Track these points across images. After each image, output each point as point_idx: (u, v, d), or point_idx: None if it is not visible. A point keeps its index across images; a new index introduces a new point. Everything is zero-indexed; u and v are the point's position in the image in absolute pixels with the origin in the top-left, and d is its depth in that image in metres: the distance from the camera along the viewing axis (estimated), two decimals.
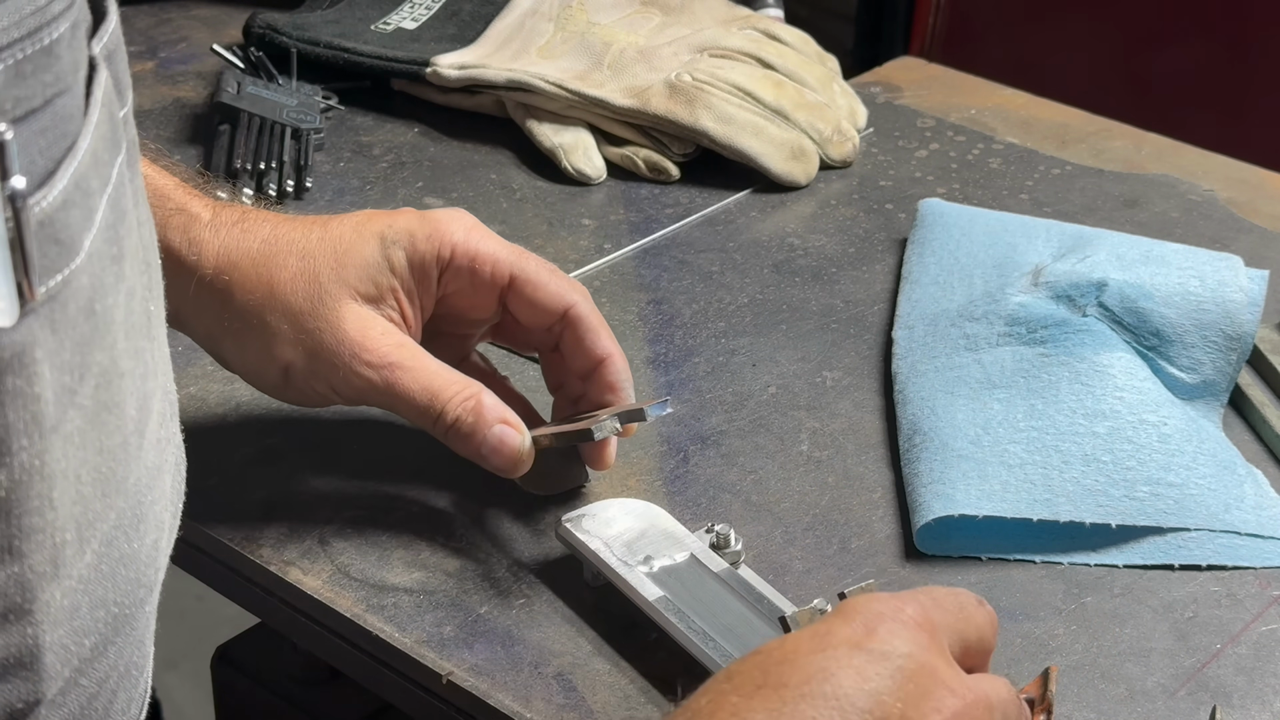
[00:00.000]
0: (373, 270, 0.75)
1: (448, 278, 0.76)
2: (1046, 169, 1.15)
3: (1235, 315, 0.88)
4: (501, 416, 0.74)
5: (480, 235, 0.77)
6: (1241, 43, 1.92)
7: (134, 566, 0.53)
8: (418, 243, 0.75)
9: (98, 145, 0.47)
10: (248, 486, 0.82)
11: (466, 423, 0.73)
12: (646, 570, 0.73)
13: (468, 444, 0.74)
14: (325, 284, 0.74)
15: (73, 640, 0.50)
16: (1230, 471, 0.82)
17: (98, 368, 0.48)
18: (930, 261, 0.99)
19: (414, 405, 0.74)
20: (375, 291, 0.75)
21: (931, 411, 0.85)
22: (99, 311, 0.47)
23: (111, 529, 0.50)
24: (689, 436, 0.86)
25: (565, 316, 0.77)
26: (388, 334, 0.74)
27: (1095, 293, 0.89)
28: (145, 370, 0.53)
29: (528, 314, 0.78)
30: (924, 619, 0.57)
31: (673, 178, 1.12)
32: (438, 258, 0.76)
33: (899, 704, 0.54)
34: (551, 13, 1.20)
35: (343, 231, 0.76)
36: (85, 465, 0.48)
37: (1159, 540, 0.79)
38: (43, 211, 0.44)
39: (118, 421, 0.50)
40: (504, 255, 0.77)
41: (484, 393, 0.74)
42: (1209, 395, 0.88)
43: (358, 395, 0.75)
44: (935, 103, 1.24)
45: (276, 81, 1.16)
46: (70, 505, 0.47)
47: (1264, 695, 0.71)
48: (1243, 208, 1.10)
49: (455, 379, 0.74)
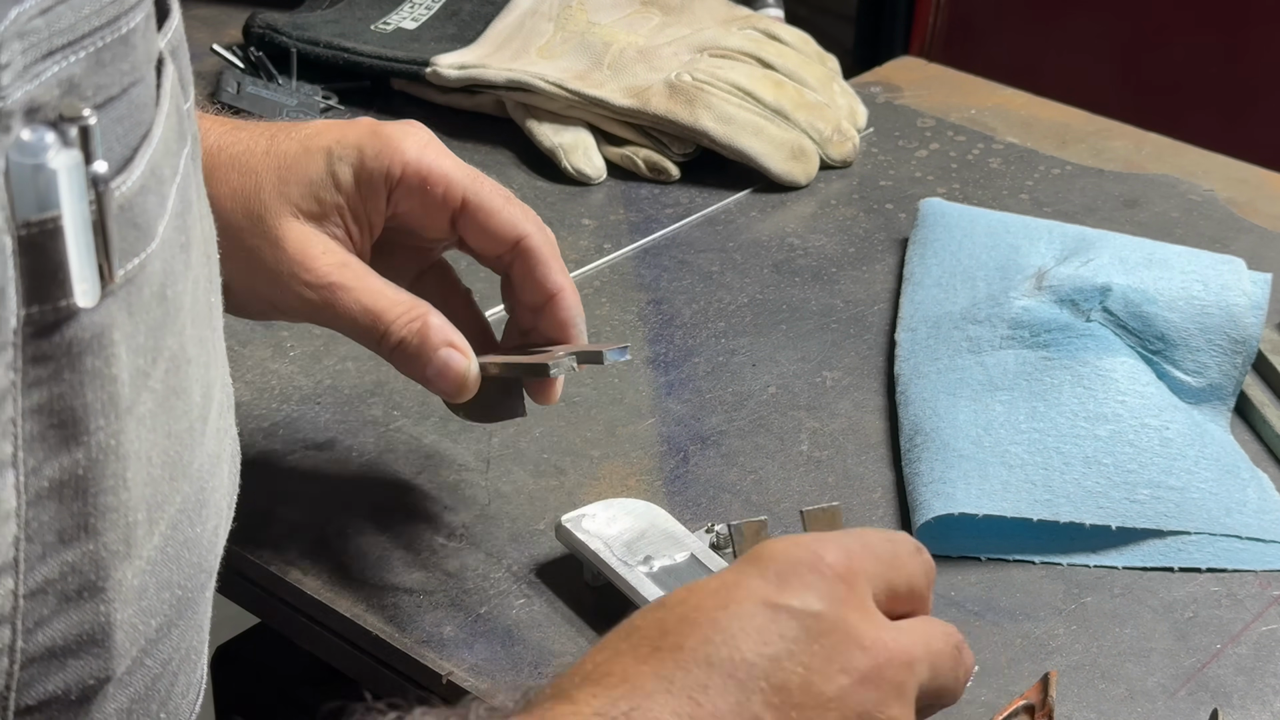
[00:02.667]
0: (317, 187, 0.71)
1: (398, 196, 0.73)
2: (1046, 169, 1.15)
3: (1239, 318, 0.88)
4: (448, 339, 0.71)
5: (435, 153, 0.73)
6: (1241, 43, 1.92)
7: (197, 550, 0.54)
8: (366, 159, 0.72)
9: (168, 135, 0.49)
10: (248, 486, 0.82)
11: (412, 344, 0.70)
12: (646, 570, 0.73)
13: (413, 366, 0.71)
14: (266, 200, 0.71)
15: (140, 620, 0.51)
16: (1233, 475, 0.82)
17: (168, 352, 0.49)
18: (932, 263, 0.99)
19: (356, 326, 0.71)
20: (319, 209, 0.72)
21: (933, 412, 0.85)
22: (170, 297, 0.49)
23: (177, 512, 0.52)
24: (689, 436, 0.86)
25: (517, 247, 0.74)
26: (329, 252, 0.71)
27: (1099, 297, 0.89)
28: (208, 359, 0.54)
29: (478, 240, 0.74)
30: (845, 568, 0.53)
31: (673, 178, 1.12)
32: (387, 176, 0.72)
33: (800, 669, 0.50)
34: (551, 13, 1.20)
35: (289, 146, 0.72)
36: (155, 448, 0.49)
37: (1159, 543, 0.79)
38: (122, 196, 0.45)
39: (185, 406, 0.51)
40: (458, 177, 0.73)
41: (431, 314, 0.71)
42: (1215, 399, 0.88)
43: (298, 314, 0.72)
44: (935, 103, 1.24)
45: (276, 81, 1.16)
46: (142, 486, 0.49)
47: (1264, 695, 0.71)
48: (1243, 208, 1.10)
49: (401, 299, 0.71)
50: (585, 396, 0.89)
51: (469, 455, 0.84)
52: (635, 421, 0.88)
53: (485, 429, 0.86)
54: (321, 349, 0.93)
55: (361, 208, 0.73)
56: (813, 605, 0.52)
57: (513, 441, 0.85)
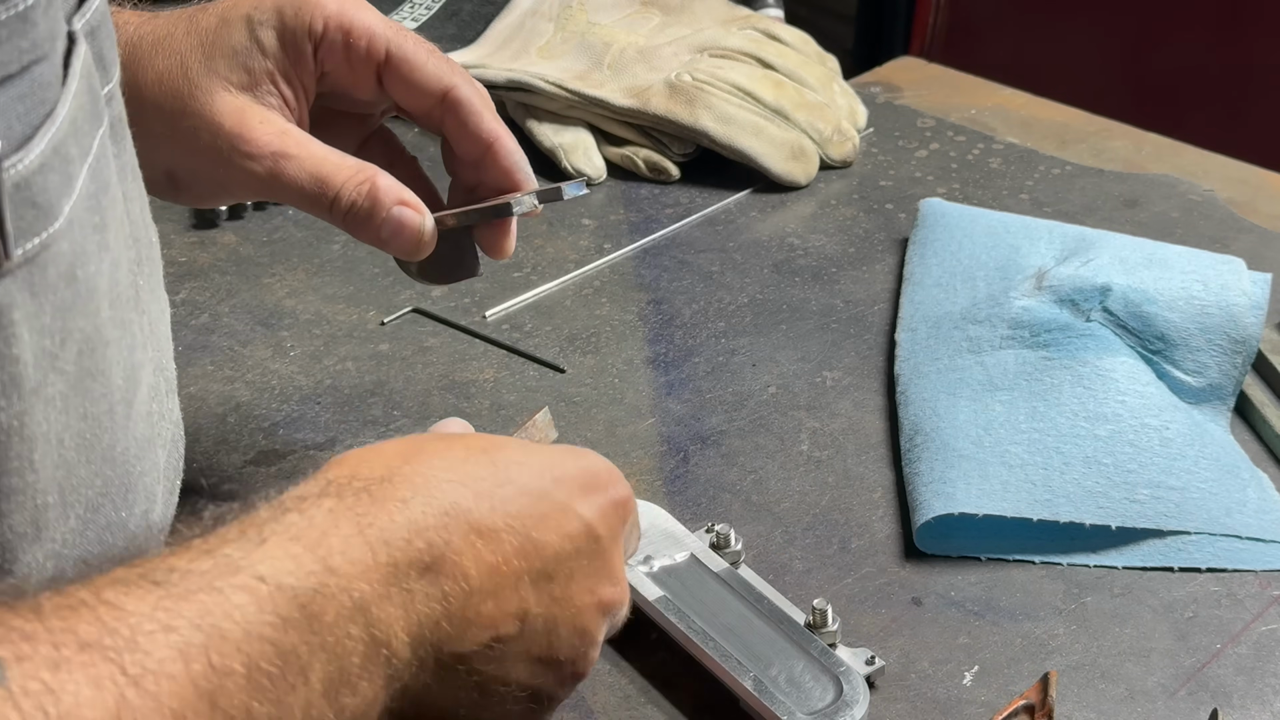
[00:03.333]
0: (242, 56, 0.69)
1: (323, 53, 0.71)
2: (1046, 169, 1.15)
3: (1239, 318, 0.88)
4: (399, 197, 0.69)
5: (356, 7, 0.71)
6: (1241, 43, 1.92)
7: (122, 534, 0.53)
8: (287, 19, 0.70)
9: (78, 115, 0.48)
10: (248, 486, 0.82)
11: (363, 207, 0.69)
12: (646, 570, 0.73)
13: (366, 228, 0.69)
14: (194, 78, 0.69)
15: None
16: (1233, 475, 0.82)
17: (80, 334, 0.48)
18: (932, 263, 0.99)
19: (304, 194, 0.69)
20: (248, 78, 0.69)
21: (933, 412, 0.85)
22: (81, 278, 0.48)
23: (97, 495, 0.51)
24: (689, 436, 0.86)
25: (445, 99, 0.72)
26: (267, 121, 0.69)
27: (1099, 297, 0.89)
28: (133, 342, 0.53)
29: (404, 95, 0.72)
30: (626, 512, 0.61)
31: (673, 178, 1.12)
32: (309, 32, 0.70)
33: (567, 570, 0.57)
34: (551, 13, 1.20)
35: (208, 21, 0.71)
36: (68, 430, 0.48)
37: (1159, 543, 0.79)
38: (18, 174, 0.44)
39: (103, 389, 0.50)
40: (380, 30, 0.71)
41: (379, 174, 0.69)
42: (1215, 399, 0.88)
43: (246, 190, 0.70)
44: (935, 103, 1.24)
45: None
46: (53, 469, 0.48)
47: (1264, 695, 0.71)
48: (1243, 208, 1.10)
49: (346, 163, 0.69)
50: (585, 396, 0.90)
51: None
52: (635, 421, 0.88)
53: (485, 429, 0.86)
54: (321, 349, 0.93)
55: (291, 69, 0.71)
56: (599, 529, 0.59)
57: None
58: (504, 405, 0.89)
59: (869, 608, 0.75)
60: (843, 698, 0.66)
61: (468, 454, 0.56)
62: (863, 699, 0.66)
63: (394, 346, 0.94)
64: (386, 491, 0.53)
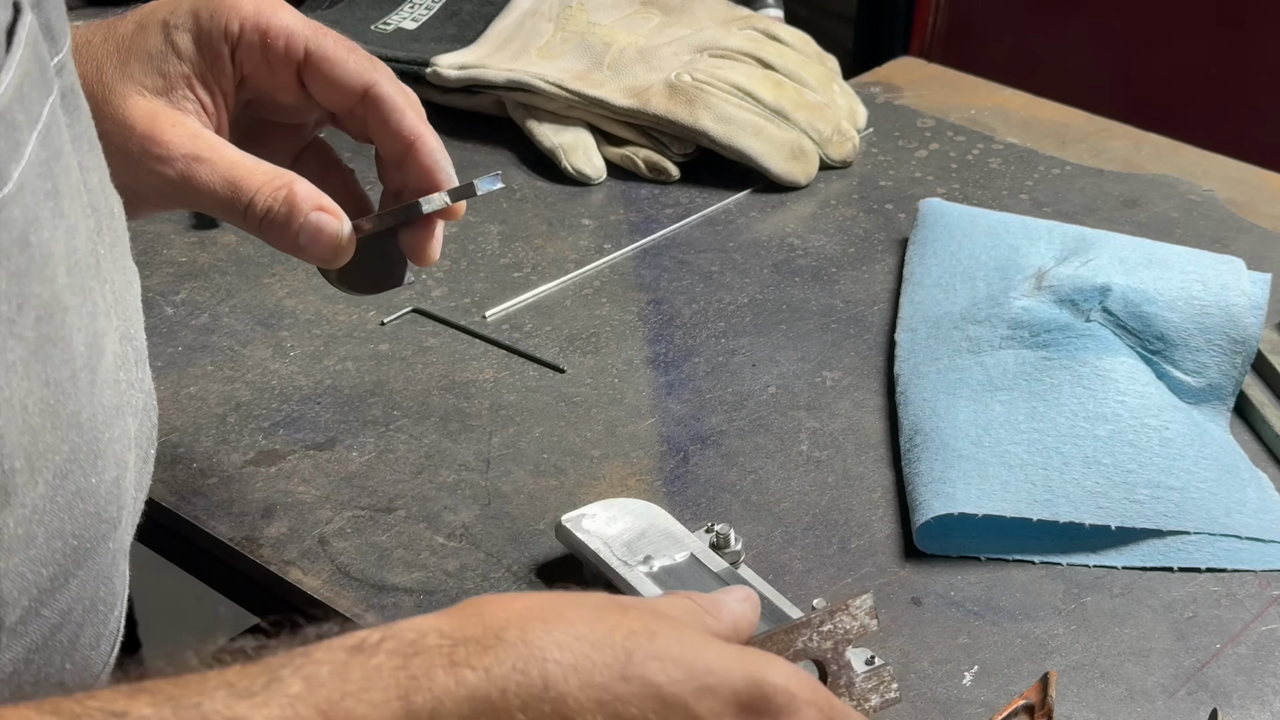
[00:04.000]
0: (157, 60, 0.68)
1: (241, 56, 0.70)
2: (1046, 169, 1.15)
3: (1238, 318, 0.88)
4: (317, 203, 0.68)
5: (273, 7, 0.70)
6: (1241, 43, 1.92)
7: (92, 500, 0.53)
8: (202, 22, 0.69)
9: (24, 83, 0.48)
10: (248, 486, 0.82)
11: (279, 212, 0.67)
12: (646, 570, 0.73)
13: (284, 235, 0.68)
14: (109, 82, 0.68)
15: (30, 569, 0.50)
16: (1233, 475, 0.82)
17: (37, 300, 0.48)
18: (932, 263, 0.99)
19: (217, 199, 0.68)
20: (164, 82, 0.68)
21: (933, 412, 0.85)
22: (35, 244, 0.48)
23: (65, 461, 0.51)
24: (689, 436, 0.87)
25: (366, 97, 0.70)
26: (179, 125, 0.68)
27: (1099, 297, 0.89)
28: (95, 309, 0.53)
29: (325, 94, 0.71)
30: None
31: (673, 178, 1.12)
32: (225, 34, 0.69)
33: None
34: (551, 13, 1.20)
35: (125, 28, 0.70)
36: (31, 396, 0.48)
37: (1158, 543, 0.79)
38: None
39: (64, 355, 0.50)
40: (299, 29, 0.70)
41: (296, 181, 0.68)
42: (1215, 399, 0.88)
43: (160, 195, 0.69)
44: (935, 103, 1.24)
45: None
46: (17, 434, 0.48)
47: (1264, 695, 0.71)
48: (1243, 208, 1.10)
49: (261, 168, 0.68)
50: (585, 396, 0.90)
51: (469, 455, 0.84)
52: (635, 421, 0.88)
53: (485, 429, 0.86)
54: (321, 349, 0.93)
55: (208, 73, 0.70)
56: (658, 682, 0.50)
57: (513, 441, 0.86)
58: (504, 405, 0.89)
59: None
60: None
61: (611, 634, 0.49)
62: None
63: (394, 346, 0.94)
64: (469, 654, 0.47)
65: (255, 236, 0.69)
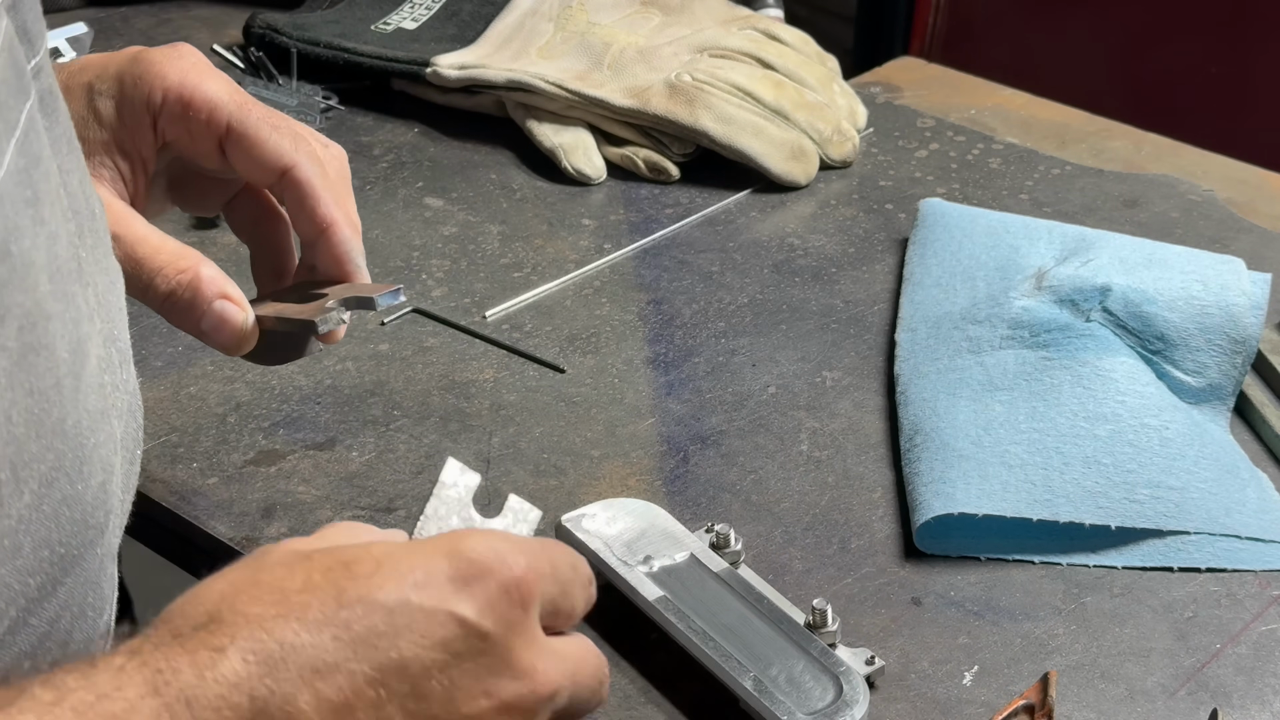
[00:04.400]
0: (78, 125, 0.67)
1: (163, 124, 0.69)
2: (1046, 169, 1.15)
3: (1239, 318, 0.88)
4: (221, 291, 0.67)
5: (199, 77, 0.69)
6: (1241, 43, 1.92)
7: (79, 508, 0.53)
8: (125, 88, 0.69)
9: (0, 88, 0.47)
10: (248, 486, 0.82)
11: (183, 297, 0.67)
12: (646, 570, 0.73)
13: (186, 318, 0.68)
14: None
15: (17, 579, 0.50)
16: (1233, 475, 0.82)
17: (19, 310, 0.48)
18: (932, 263, 0.99)
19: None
20: (83, 148, 0.66)
21: (933, 412, 0.85)
22: (15, 254, 0.48)
23: (51, 470, 0.51)
24: (689, 436, 0.87)
25: (284, 178, 0.70)
26: None
27: (1099, 298, 0.89)
28: (78, 315, 0.53)
29: (245, 168, 0.70)
30: (527, 590, 0.53)
31: (673, 178, 1.12)
32: (148, 103, 0.68)
33: (446, 682, 0.50)
34: (551, 13, 1.20)
35: (51, 85, 0.70)
36: (15, 406, 0.48)
37: (1158, 543, 0.79)
38: None
39: (48, 364, 0.50)
40: (223, 102, 0.69)
41: (202, 264, 0.68)
42: (1215, 399, 0.88)
43: None
44: (935, 103, 1.24)
45: (277, 81, 1.16)
46: (2, 445, 0.48)
47: (1264, 695, 0.71)
48: (1243, 208, 1.10)
49: (166, 247, 0.67)
50: (585, 396, 0.90)
51: (469, 455, 0.84)
52: (635, 421, 0.88)
53: (485, 429, 0.86)
54: (321, 349, 0.93)
55: (129, 139, 0.70)
56: (484, 623, 0.51)
57: (513, 441, 0.86)
58: (504, 405, 0.89)
59: (869, 608, 0.75)
60: (843, 698, 0.66)
61: (309, 577, 0.50)
62: (863, 699, 0.66)
63: (394, 346, 0.94)
64: (200, 641, 0.48)
65: (159, 314, 0.68)
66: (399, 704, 0.49)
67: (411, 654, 0.50)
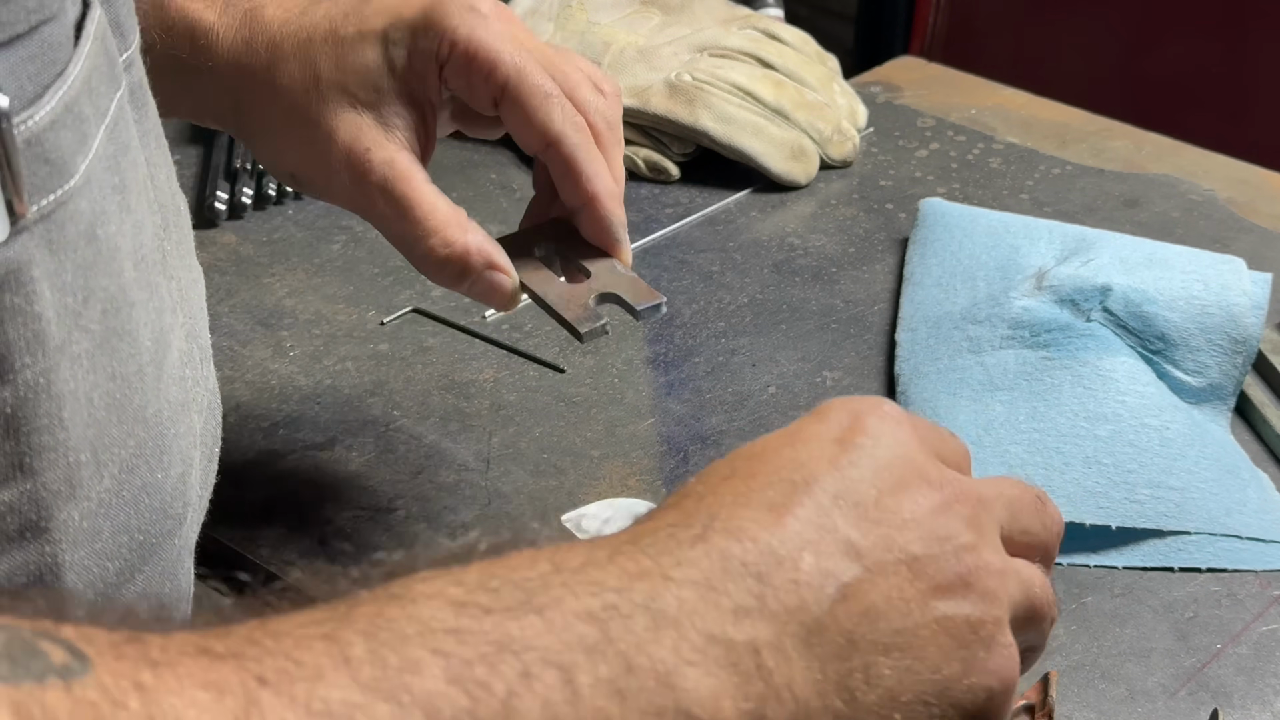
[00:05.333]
0: (373, 74, 0.70)
1: (448, 74, 0.71)
2: (1046, 169, 1.15)
3: (1239, 318, 0.88)
4: (489, 260, 0.69)
5: (487, 31, 0.70)
6: (1241, 43, 1.92)
7: (158, 496, 0.54)
8: (418, 39, 0.70)
9: (91, 76, 0.48)
10: (248, 486, 0.82)
11: (455, 267, 0.69)
12: None
13: (455, 283, 0.70)
14: (324, 90, 0.70)
15: (95, 563, 0.50)
16: (1234, 475, 0.82)
17: (104, 293, 0.49)
18: (932, 263, 0.99)
19: (392, 231, 0.70)
20: (376, 96, 0.70)
21: (934, 412, 0.85)
22: (102, 238, 0.48)
23: (131, 456, 0.51)
24: (689, 436, 0.86)
25: (549, 149, 0.71)
26: (377, 147, 0.70)
27: (1099, 297, 0.89)
28: (161, 305, 0.54)
29: (515, 128, 0.72)
30: (905, 418, 0.53)
31: (673, 178, 1.12)
32: (436, 54, 0.70)
33: (874, 490, 0.50)
34: (551, 13, 1.20)
35: (347, 31, 0.71)
36: (97, 389, 0.49)
37: (1159, 543, 0.79)
38: (29, 130, 0.45)
39: (131, 350, 0.51)
40: (503, 62, 0.70)
41: (471, 232, 0.69)
42: (1215, 399, 0.88)
43: (346, 204, 0.72)
44: (935, 103, 1.24)
45: None
46: (83, 427, 0.48)
47: (1264, 695, 0.71)
48: (1243, 208, 1.10)
49: (441, 209, 0.69)
50: (585, 396, 0.89)
51: (469, 455, 0.84)
52: (635, 421, 0.87)
53: (485, 429, 0.86)
54: (321, 349, 0.93)
55: (419, 87, 0.71)
56: (883, 440, 0.51)
57: (513, 441, 0.85)
58: (504, 405, 0.89)
59: None
60: None
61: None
62: None
63: (394, 346, 0.94)
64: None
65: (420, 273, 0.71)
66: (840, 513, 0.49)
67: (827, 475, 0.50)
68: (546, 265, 0.72)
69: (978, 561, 0.50)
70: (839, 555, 0.48)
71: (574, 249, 0.73)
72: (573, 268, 0.72)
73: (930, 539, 0.49)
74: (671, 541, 0.47)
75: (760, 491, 0.49)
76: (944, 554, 0.49)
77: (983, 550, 0.50)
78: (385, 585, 0.43)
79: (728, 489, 0.49)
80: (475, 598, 0.42)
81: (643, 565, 0.45)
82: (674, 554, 0.46)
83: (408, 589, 0.43)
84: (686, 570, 0.45)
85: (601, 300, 0.70)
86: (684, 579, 0.45)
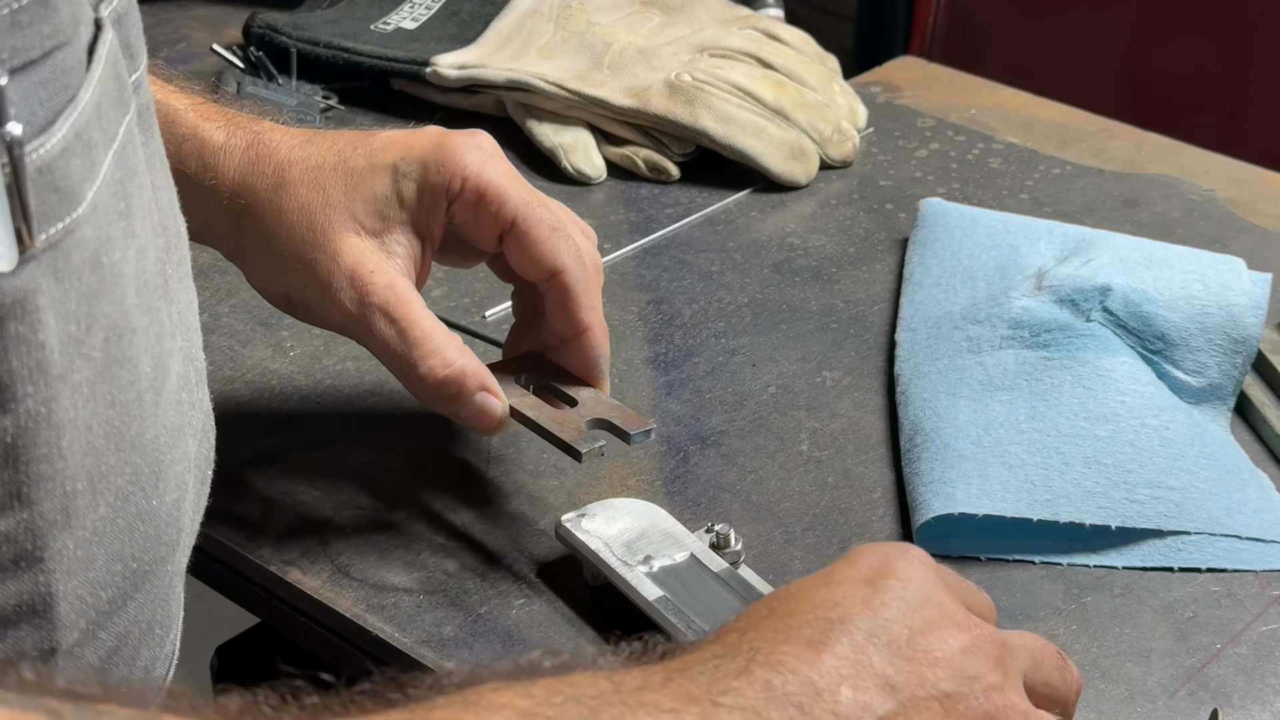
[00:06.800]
0: (381, 204, 0.73)
1: (455, 208, 0.75)
2: (1046, 169, 1.15)
3: (1239, 318, 0.88)
4: (482, 384, 0.73)
5: (494, 170, 0.74)
6: (1241, 43, 1.92)
7: (153, 523, 0.53)
8: (429, 174, 0.74)
9: (102, 101, 0.48)
10: (248, 486, 0.82)
11: (449, 390, 0.72)
12: (646, 570, 0.73)
13: (446, 407, 0.73)
14: (332, 214, 0.73)
15: (88, 591, 0.50)
16: (1234, 475, 0.82)
17: (106, 320, 0.48)
18: (932, 263, 0.99)
19: (389, 353, 0.72)
20: (380, 225, 0.73)
21: (933, 412, 0.85)
22: (106, 264, 0.48)
23: (127, 483, 0.51)
24: (689, 436, 0.86)
25: (552, 280, 0.75)
26: (380, 272, 0.73)
27: (1099, 297, 0.89)
28: (161, 330, 0.54)
29: (518, 261, 0.76)
30: (932, 563, 0.57)
31: (673, 178, 1.12)
32: (448, 190, 0.74)
33: (905, 629, 0.53)
34: (551, 12, 1.20)
35: (358, 163, 0.74)
36: (96, 417, 0.49)
37: (1159, 543, 0.79)
38: (40, 159, 0.44)
39: (130, 376, 0.50)
40: (512, 198, 0.74)
41: (465, 357, 0.73)
42: (1215, 399, 0.88)
43: (338, 327, 0.74)
44: (935, 103, 1.24)
45: (276, 81, 1.16)
46: (81, 456, 0.48)
47: (1264, 695, 0.71)
48: (1243, 208, 1.10)
49: (437, 335, 0.72)
50: None
51: (469, 455, 0.84)
52: None
53: None
54: (321, 349, 0.93)
55: (424, 220, 0.74)
56: (912, 582, 0.55)
57: (513, 441, 0.85)
58: None
59: None
60: None
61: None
62: None
63: None
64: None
65: (415, 398, 0.74)
66: (875, 650, 0.52)
67: (861, 614, 0.53)
68: (532, 393, 0.76)
69: (1005, 701, 0.53)
70: (875, 690, 0.51)
71: (555, 379, 0.77)
72: (556, 396, 0.76)
73: (960, 677, 0.53)
74: (718, 672, 0.50)
75: (798, 629, 0.52)
76: (973, 693, 0.53)
77: (1009, 691, 0.54)
78: (460, 692, 0.46)
79: (767, 626, 0.53)
80: (542, 710, 0.45)
81: (693, 692, 0.49)
82: (721, 683, 0.49)
83: (481, 697, 0.45)
84: (734, 698, 0.49)
85: (593, 425, 0.73)
86: (732, 705, 0.49)
